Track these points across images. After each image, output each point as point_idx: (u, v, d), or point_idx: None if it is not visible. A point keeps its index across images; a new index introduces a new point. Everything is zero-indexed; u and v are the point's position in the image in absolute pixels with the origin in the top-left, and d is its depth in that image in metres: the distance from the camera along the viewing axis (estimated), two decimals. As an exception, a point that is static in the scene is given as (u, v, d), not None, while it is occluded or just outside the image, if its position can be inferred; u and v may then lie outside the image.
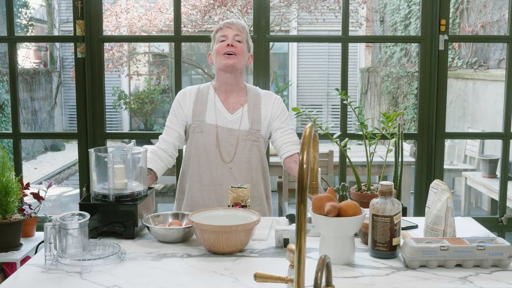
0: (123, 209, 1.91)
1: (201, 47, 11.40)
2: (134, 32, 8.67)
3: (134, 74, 11.24)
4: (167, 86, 12.42)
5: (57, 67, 12.39)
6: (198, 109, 2.41)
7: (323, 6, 9.71)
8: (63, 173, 9.51)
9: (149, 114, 12.08)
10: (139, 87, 12.26)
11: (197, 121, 2.40)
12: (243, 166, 2.38)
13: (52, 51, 12.39)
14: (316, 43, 12.20)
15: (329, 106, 12.35)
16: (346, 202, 1.70)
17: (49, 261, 1.67)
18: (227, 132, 2.38)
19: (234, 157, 2.37)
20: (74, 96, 3.43)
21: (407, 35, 8.79)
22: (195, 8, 8.53)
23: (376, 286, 1.53)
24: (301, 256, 1.11)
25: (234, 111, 2.41)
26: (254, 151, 2.39)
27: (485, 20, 6.92)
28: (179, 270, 1.63)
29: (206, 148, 2.38)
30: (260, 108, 2.42)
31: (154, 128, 12.08)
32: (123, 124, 12.44)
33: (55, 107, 11.98)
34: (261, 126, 2.41)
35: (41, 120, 11.05)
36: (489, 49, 6.81)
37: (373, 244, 1.73)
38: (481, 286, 1.52)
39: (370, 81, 11.07)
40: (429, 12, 3.18)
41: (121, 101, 11.64)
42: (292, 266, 1.35)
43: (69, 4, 12.35)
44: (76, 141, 3.43)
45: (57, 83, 12.18)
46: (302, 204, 1.10)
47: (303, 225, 1.11)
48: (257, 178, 2.42)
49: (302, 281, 1.11)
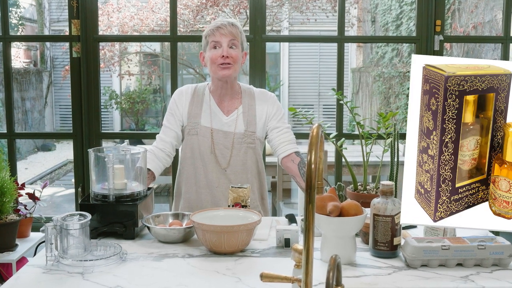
0: (123, 209, 1.90)
1: (192, 47, 11.38)
2: (126, 32, 8.65)
3: (126, 74, 11.20)
4: (158, 86, 12.39)
5: (48, 67, 12.32)
6: (194, 111, 2.39)
7: (314, 6, 9.74)
8: (54, 173, 9.47)
9: (141, 114, 12.04)
10: (130, 87, 12.22)
11: (193, 123, 2.38)
12: (238, 169, 2.36)
13: (42, 51, 12.32)
14: (307, 43, 12.22)
15: (320, 106, 12.37)
16: (348, 201, 1.71)
17: (50, 261, 1.66)
18: (222, 135, 2.36)
19: (230, 161, 2.36)
20: (65, 96, 3.42)
21: (403, 36, 8.79)
22: (187, 8, 8.51)
23: (379, 285, 1.53)
24: (309, 256, 1.11)
25: (229, 114, 2.39)
26: (250, 153, 2.38)
27: (477, 21, 6.97)
28: (181, 270, 1.63)
29: (202, 151, 2.36)
30: (255, 109, 2.40)
31: (145, 128, 12.05)
32: (114, 124, 12.40)
33: (45, 106, 11.91)
34: (256, 128, 2.39)
35: (32, 120, 10.99)
36: (481, 49, 6.85)
37: (374, 243, 1.74)
38: (482, 285, 1.53)
39: (362, 81, 11.10)
40: (425, 12, 3.19)
41: (112, 101, 11.60)
42: (298, 266, 1.35)
43: (59, 3, 12.28)
44: (66, 141, 3.41)
45: (48, 83, 12.11)
46: (310, 204, 1.10)
47: (311, 225, 1.11)
48: (252, 180, 2.40)
49: (310, 281, 1.12)
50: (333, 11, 9.49)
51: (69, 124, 12.06)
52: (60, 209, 6.90)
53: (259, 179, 2.45)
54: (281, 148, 2.37)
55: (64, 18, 11.83)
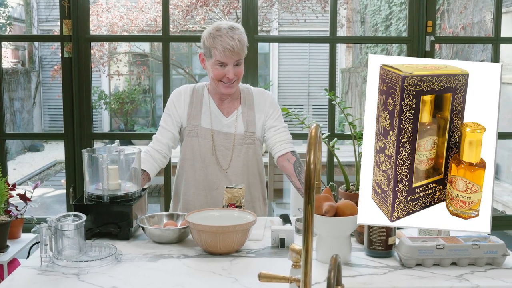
0: (117, 210, 1.90)
1: (182, 47, 11.37)
2: (115, 32, 8.61)
3: (115, 74, 11.15)
4: (147, 86, 12.35)
5: (36, 67, 12.23)
6: (193, 112, 2.37)
7: (304, 6, 9.75)
8: (43, 174, 9.41)
9: (130, 114, 12.00)
10: (119, 87, 12.17)
11: (192, 125, 2.36)
12: (239, 170, 2.35)
13: (31, 51, 12.23)
14: (297, 43, 12.24)
15: (310, 106, 12.40)
16: (343, 202, 1.71)
17: (45, 262, 1.65)
18: (223, 136, 2.35)
19: (231, 162, 2.34)
20: (54, 96, 3.40)
21: (394, 37, 8.79)
22: (177, 8, 8.49)
23: (375, 285, 1.54)
24: (308, 256, 1.11)
25: (229, 115, 2.37)
26: (250, 154, 2.37)
27: (466, 22, 7.02)
28: (177, 271, 1.63)
29: (202, 152, 2.34)
30: (254, 109, 2.39)
31: (134, 128, 12.01)
32: (103, 124, 12.34)
33: (34, 107, 11.83)
34: (256, 128, 2.38)
35: (20, 120, 10.91)
36: (470, 50, 6.90)
37: (369, 243, 1.75)
38: (477, 284, 1.55)
39: (351, 82, 11.14)
40: (416, 13, 3.21)
41: (101, 101, 11.54)
42: (295, 266, 1.35)
43: (48, 2, 12.19)
44: (55, 142, 3.39)
45: (36, 83, 12.03)
46: (309, 204, 1.10)
47: (310, 225, 1.11)
48: (253, 181, 2.40)
49: (309, 281, 1.12)
50: (323, 11, 9.52)
51: (59, 124, 12.04)
52: (52, 209, 6.85)
53: (260, 180, 2.44)
54: (277, 147, 2.37)
55: (52, 18, 11.76)
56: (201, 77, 10.92)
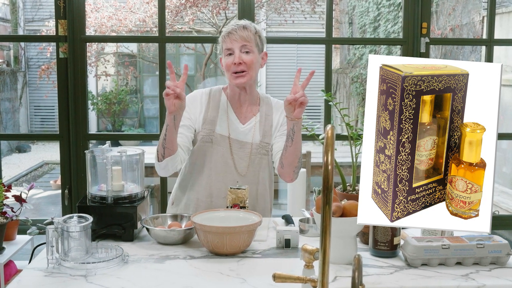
0: (121, 211, 1.89)
1: (169, 48, 11.33)
2: (104, 32, 8.56)
3: (103, 75, 11.08)
4: (135, 87, 12.29)
5: (22, 67, 12.12)
6: (210, 117, 2.27)
7: (292, 7, 9.77)
8: (30, 175, 9.32)
9: (117, 115, 11.93)
10: (106, 88, 12.10)
11: (207, 130, 2.26)
12: (251, 179, 2.26)
13: (16, 51, 12.11)
14: (284, 44, 12.26)
15: (298, 107, 12.40)
16: (350, 202, 1.72)
17: (52, 264, 1.64)
18: (238, 145, 2.26)
19: (244, 170, 2.25)
20: (41, 96, 3.37)
21: (390, 38, 8.78)
22: (166, 8, 8.45)
23: (383, 284, 1.55)
24: (326, 256, 1.12)
25: (246, 121, 2.29)
26: (264, 164, 2.29)
27: (454, 23, 7.08)
28: (184, 272, 1.63)
29: (215, 159, 2.25)
30: (271, 119, 2.31)
31: (122, 129, 11.95)
32: (91, 125, 12.27)
33: (20, 107, 11.72)
34: (271, 139, 2.30)
35: (6, 121, 10.80)
36: (459, 51, 6.97)
37: (374, 243, 1.76)
38: (483, 283, 1.57)
39: (339, 82, 11.18)
40: (411, 15, 3.24)
41: (88, 102, 11.46)
42: (308, 266, 1.36)
43: (34, 2, 12.09)
44: (42, 143, 3.37)
45: (22, 83, 11.92)
46: (327, 205, 1.11)
47: (328, 226, 1.12)
48: (263, 192, 2.32)
49: (326, 281, 1.13)
50: (312, 12, 9.54)
51: (49, 124, 11.94)
52: (46, 211, 6.77)
53: (270, 190, 2.36)
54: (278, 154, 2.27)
55: (38, 17, 11.64)
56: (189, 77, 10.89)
